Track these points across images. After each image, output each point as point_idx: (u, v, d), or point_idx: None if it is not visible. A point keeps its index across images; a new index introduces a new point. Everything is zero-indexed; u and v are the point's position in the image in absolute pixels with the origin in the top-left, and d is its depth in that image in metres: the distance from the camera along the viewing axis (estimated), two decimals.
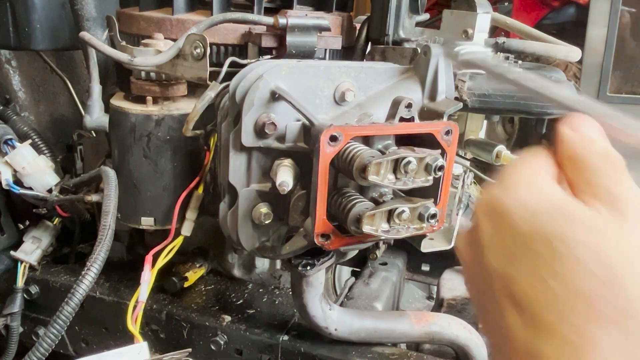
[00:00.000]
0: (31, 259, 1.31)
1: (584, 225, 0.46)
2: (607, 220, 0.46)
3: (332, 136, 0.81)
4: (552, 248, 0.46)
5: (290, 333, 1.14)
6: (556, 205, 0.47)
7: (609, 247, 0.44)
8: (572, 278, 0.45)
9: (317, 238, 0.86)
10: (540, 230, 0.47)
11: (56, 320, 0.99)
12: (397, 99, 0.88)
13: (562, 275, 0.45)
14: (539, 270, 0.46)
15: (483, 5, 1.22)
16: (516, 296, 0.47)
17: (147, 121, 1.09)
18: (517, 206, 0.48)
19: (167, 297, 1.24)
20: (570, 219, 0.46)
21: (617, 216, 0.46)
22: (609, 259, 0.44)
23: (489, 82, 1.08)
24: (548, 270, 0.46)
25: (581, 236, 0.45)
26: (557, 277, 0.45)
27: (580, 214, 0.46)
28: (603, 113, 0.52)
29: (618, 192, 0.47)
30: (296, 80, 0.92)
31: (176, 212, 1.11)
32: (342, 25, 1.25)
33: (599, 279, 0.44)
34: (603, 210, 0.46)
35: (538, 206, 0.48)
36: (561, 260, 0.45)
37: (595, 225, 0.46)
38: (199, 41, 1.03)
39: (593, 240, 0.45)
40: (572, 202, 0.48)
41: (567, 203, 0.48)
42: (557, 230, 0.46)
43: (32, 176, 1.23)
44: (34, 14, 1.42)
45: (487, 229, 0.50)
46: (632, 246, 0.45)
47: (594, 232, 0.45)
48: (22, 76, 1.73)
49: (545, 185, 0.49)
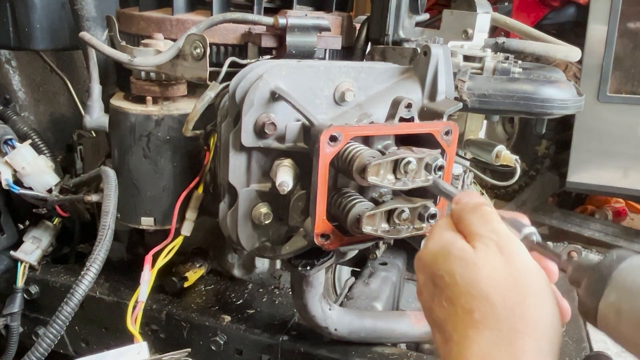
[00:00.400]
0: (31, 259, 1.31)
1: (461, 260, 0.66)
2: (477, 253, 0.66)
3: (332, 136, 0.81)
4: (444, 280, 0.67)
5: (290, 333, 1.14)
6: (445, 248, 0.69)
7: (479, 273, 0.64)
8: (458, 299, 0.65)
9: (317, 238, 0.86)
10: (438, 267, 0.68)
11: (56, 320, 1.00)
12: (397, 99, 0.88)
13: (452, 299, 0.66)
14: (441, 298, 0.67)
15: (483, 5, 1.22)
16: (436, 321, 0.69)
17: (147, 121, 1.09)
18: (426, 254, 0.71)
19: (167, 297, 1.24)
20: (451, 257, 0.67)
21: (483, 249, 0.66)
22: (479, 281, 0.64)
23: (488, 82, 1.08)
24: (445, 296, 0.67)
25: (459, 269, 0.66)
26: (450, 301, 0.66)
27: (459, 252, 0.67)
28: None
29: (484, 233, 0.68)
30: (296, 80, 0.92)
31: (176, 212, 1.11)
32: (342, 25, 1.25)
33: (474, 296, 0.64)
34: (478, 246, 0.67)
35: (436, 251, 0.70)
36: (450, 288, 0.66)
37: (469, 258, 0.66)
38: (198, 41, 1.03)
39: (467, 269, 0.65)
40: (456, 244, 0.69)
41: (452, 245, 0.69)
42: (445, 266, 0.67)
43: (32, 176, 1.24)
44: (34, 14, 1.42)
45: (418, 277, 0.73)
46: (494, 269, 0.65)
47: (469, 264, 0.66)
48: (22, 76, 1.74)
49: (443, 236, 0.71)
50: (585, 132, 3.88)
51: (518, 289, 0.64)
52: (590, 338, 1.14)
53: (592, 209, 4.65)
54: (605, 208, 4.61)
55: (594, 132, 3.84)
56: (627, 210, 4.67)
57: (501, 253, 0.66)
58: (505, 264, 0.65)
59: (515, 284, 0.64)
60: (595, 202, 4.76)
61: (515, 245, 0.67)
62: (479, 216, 0.70)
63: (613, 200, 4.67)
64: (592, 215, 4.54)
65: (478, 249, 0.66)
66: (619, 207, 4.62)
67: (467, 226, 0.70)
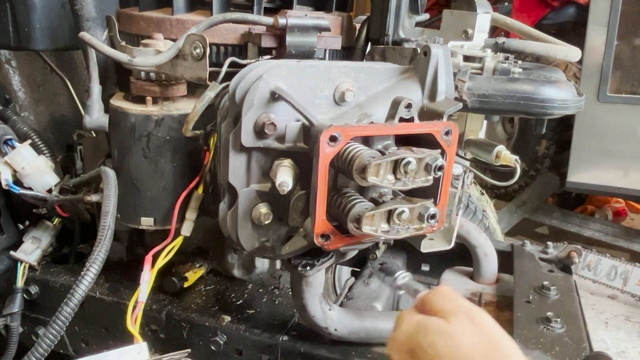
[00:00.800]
0: (31, 259, 1.31)
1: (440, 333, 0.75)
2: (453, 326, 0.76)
3: (332, 136, 0.80)
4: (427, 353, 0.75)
5: (290, 333, 1.14)
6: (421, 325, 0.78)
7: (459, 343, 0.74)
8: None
9: (317, 238, 0.86)
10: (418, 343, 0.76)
11: (56, 320, 0.99)
12: (397, 99, 0.88)
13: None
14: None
15: (483, 5, 1.22)
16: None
17: (146, 121, 1.09)
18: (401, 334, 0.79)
19: (167, 297, 1.24)
20: (430, 331, 0.76)
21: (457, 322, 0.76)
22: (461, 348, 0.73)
23: (488, 83, 1.08)
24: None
25: (440, 341, 0.75)
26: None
27: (437, 326, 0.76)
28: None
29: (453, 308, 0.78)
30: (296, 81, 0.92)
31: (176, 212, 1.11)
32: (342, 25, 1.25)
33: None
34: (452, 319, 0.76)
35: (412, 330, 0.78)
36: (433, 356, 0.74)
37: (448, 331, 0.75)
38: (198, 41, 1.02)
39: (448, 341, 0.74)
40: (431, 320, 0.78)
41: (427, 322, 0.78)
42: (426, 340, 0.75)
43: (32, 176, 1.24)
44: (34, 14, 1.42)
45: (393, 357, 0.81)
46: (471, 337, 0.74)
47: (449, 335, 0.75)
48: (22, 76, 1.74)
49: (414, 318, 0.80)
50: (585, 132, 3.88)
51: (491, 351, 0.74)
52: (590, 338, 1.14)
53: (592, 209, 4.65)
54: (605, 208, 4.61)
55: (594, 132, 3.84)
56: (627, 210, 4.67)
57: (473, 324, 0.76)
58: (479, 332, 0.75)
59: (489, 345, 0.74)
60: (595, 202, 4.76)
61: (482, 315, 0.78)
62: (442, 296, 0.81)
63: (613, 200, 4.67)
64: (592, 215, 4.55)
65: (452, 322, 0.76)
66: (619, 207, 4.62)
67: (433, 307, 0.80)
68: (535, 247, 1.48)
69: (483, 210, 2.55)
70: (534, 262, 1.39)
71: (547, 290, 1.23)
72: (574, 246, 1.42)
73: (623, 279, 3.46)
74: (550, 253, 1.44)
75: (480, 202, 2.69)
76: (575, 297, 1.26)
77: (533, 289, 1.24)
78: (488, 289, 1.32)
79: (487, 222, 2.50)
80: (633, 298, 3.49)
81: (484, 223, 2.46)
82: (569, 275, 1.36)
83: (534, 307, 1.17)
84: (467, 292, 1.31)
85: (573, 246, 1.42)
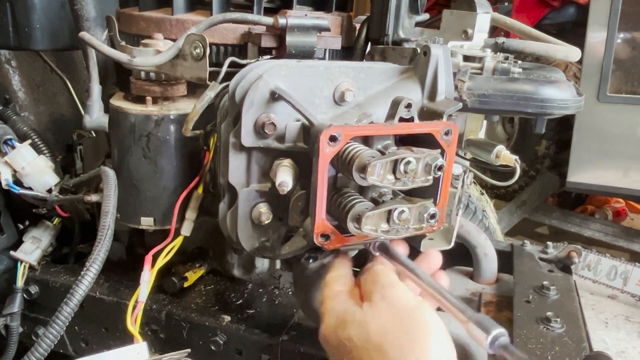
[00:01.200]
0: (31, 259, 1.31)
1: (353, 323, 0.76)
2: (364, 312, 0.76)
3: (332, 136, 0.81)
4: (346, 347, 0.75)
5: (290, 333, 1.14)
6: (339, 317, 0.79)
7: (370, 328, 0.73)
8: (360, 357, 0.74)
9: (317, 238, 0.86)
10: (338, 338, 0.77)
11: (55, 320, 1.00)
12: (397, 99, 0.88)
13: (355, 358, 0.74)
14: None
15: (483, 5, 1.22)
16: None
17: (146, 121, 1.09)
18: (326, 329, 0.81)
19: (167, 297, 1.24)
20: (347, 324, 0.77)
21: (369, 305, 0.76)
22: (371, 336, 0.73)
23: (488, 82, 1.08)
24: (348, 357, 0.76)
25: (354, 332, 0.75)
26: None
27: (351, 317, 0.77)
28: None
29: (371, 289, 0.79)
30: (296, 80, 0.92)
31: (176, 212, 1.11)
32: (342, 25, 1.25)
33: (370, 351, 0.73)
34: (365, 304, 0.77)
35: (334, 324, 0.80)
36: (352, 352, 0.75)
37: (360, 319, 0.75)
38: (198, 41, 1.03)
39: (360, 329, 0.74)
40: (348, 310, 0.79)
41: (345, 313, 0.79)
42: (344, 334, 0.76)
43: (32, 176, 1.24)
44: (34, 14, 1.42)
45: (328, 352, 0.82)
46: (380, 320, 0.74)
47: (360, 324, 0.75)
48: (22, 76, 1.74)
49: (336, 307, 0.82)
50: (585, 132, 3.89)
51: (403, 328, 0.72)
52: (590, 338, 1.14)
53: (592, 209, 4.65)
54: (605, 208, 4.61)
55: (594, 132, 3.85)
56: (627, 210, 4.68)
57: (384, 300, 0.75)
58: (388, 311, 0.74)
59: (401, 324, 0.73)
60: (595, 202, 4.77)
61: (395, 289, 0.77)
62: (370, 275, 0.81)
63: (613, 200, 4.68)
64: (592, 215, 4.55)
65: (365, 307, 0.76)
66: (619, 207, 4.62)
67: (362, 288, 0.81)
68: (535, 247, 1.48)
69: (483, 210, 2.56)
70: (533, 262, 1.39)
71: (547, 290, 1.23)
72: (574, 246, 1.42)
73: (623, 279, 3.46)
74: (550, 253, 1.43)
75: (480, 202, 2.70)
76: (575, 297, 1.26)
77: (533, 288, 1.24)
78: (488, 289, 1.32)
79: (487, 222, 2.50)
80: (633, 298, 3.49)
81: (484, 223, 2.46)
82: (569, 275, 1.35)
83: (534, 307, 1.17)
84: (467, 292, 1.31)
85: (573, 246, 1.42)
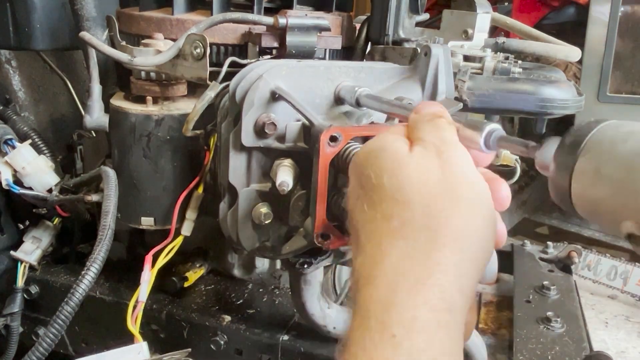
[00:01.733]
0: (31, 259, 1.31)
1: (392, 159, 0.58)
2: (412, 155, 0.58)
3: (332, 136, 0.81)
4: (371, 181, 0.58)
5: (290, 333, 1.14)
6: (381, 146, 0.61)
7: (408, 176, 0.56)
8: (380, 204, 0.56)
9: (317, 238, 0.86)
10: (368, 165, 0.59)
11: (56, 320, 1.00)
12: (397, 99, 0.88)
13: (375, 203, 0.57)
14: (363, 202, 0.59)
15: (483, 5, 1.22)
16: (355, 227, 0.60)
17: (147, 121, 1.09)
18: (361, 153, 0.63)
19: (167, 297, 1.24)
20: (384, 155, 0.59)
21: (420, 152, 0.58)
22: (405, 185, 0.56)
23: (488, 82, 1.08)
24: (368, 199, 0.58)
25: (388, 169, 0.57)
26: (372, 205, 0.57)
27: (393, 151, 0.59)
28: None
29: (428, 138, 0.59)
30: (296, 80, 0.92)
31: (176, 212, 1.11)
32: (342, 25, 1.25)
33: (397, 201, 0.55)
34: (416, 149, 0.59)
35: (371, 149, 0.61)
36: (375, 190, 0.57)
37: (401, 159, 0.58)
38: (199, 41, 1.03)
39: (396, 170, 0.57)
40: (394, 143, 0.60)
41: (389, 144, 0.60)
42: (376, 164, 0.58)
43: (32, 176, 1.23)
44: (34, 14, 1.42)
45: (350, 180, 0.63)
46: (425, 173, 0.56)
47: (400, 164, 0.57)
48: (22, 76, 1.73)
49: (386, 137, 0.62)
50: None
51: (447, 195, 0.56)
52: (590, 338, 1.14)
53: None
54: None
55: None
56: None
57: (439, 157, 0.58)
58: (440, 169, 0.57)
59: (445, 189, 0.56)
60: None
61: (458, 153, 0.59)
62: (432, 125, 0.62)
63: None
64: None
65: (414, 151, 0.59)
66: None
67: (416, 134, 0.62)
68: (535, 247, 1.48)
69: None
70: (534, 262, 1.40)
71: (547, 290, 1.23)
72: (574, 246, 1.42)
73: (623, 279, 3.46)
74: (550, 253, 1.44)
75: None
76: (575, 297, 1.26)
77: (533, 288, 1.25)
78: (488, 289, 1.33)
79: None
80: (633, 298, 3.49)
81: None
82: (569, 275, 1.36)
83: (534, 307, 1.17)
84: None
85: (573, 246, 1.42)
